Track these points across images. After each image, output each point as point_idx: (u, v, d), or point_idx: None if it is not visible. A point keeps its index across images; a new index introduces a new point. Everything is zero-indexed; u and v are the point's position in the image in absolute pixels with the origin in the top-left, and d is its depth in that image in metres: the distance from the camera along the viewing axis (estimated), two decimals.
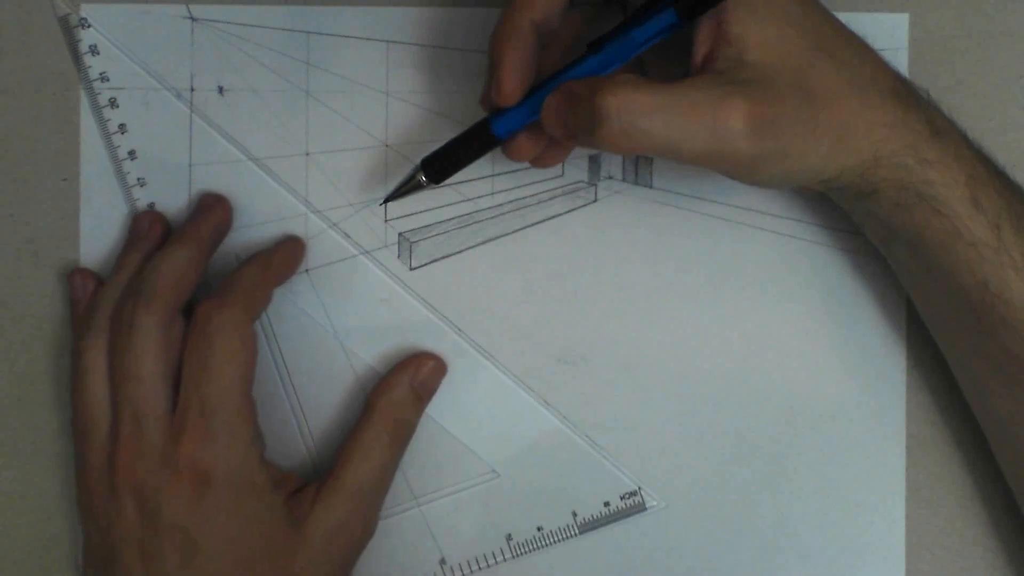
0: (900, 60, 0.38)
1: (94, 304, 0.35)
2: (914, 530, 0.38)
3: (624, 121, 0.29)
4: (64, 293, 0.38)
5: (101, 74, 0.37)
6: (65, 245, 0.38)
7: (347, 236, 0.38)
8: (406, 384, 0.36)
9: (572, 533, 0.38)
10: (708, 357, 0.38)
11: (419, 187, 0.35)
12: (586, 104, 0.30)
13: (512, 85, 0.32)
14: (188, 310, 0.34)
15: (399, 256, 0.38)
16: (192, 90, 0.38)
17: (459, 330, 0.38)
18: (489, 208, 0.38)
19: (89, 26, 0.37)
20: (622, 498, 0.38)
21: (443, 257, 0.38)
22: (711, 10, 0.30)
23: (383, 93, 0.38)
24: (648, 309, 0.38)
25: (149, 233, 0.36)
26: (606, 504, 0.38)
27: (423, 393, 0.37)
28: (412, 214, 0.38)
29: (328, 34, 0.38)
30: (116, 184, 0.38)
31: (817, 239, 0.38)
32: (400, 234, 0.38)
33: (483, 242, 0.38)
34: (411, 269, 0.38)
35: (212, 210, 0.36)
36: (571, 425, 0.38)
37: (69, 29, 0.37)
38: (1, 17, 0.38)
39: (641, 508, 0.38)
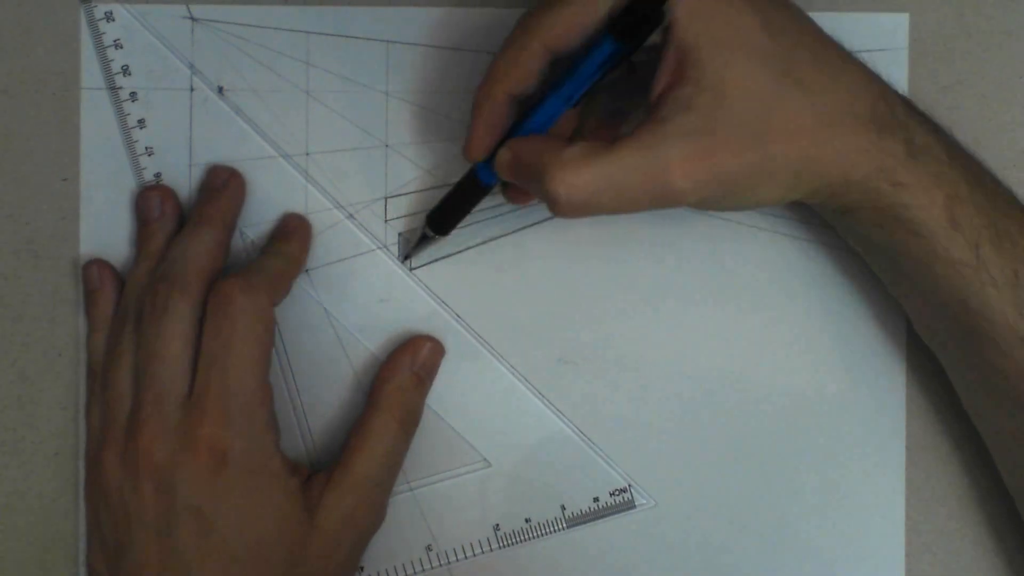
0: (900, 60, 0.38)
1: (126, 292, 0.35)
2: (914, 530, 0.38)
3: (574, 202, 0.30)
4: (64, 293, 0.38)
5: (123, 67, 0.38)
6: (65, 245, 0.38)
7: (347, 236, 0.38)
8: (408, 368, 0.36)
9: (560, 527, 0.38)
10: (708, 357, 0.38)
11: (430, 240, 0.36)
12: (536, 179, 0.30)
13: (478, 146, 0.33)
14: None
15: (399, 256, 0.38)
16: (192, 90, 0.38)
17: (458, 322, 0.38)
18: (489, 208, 0.38)
19: (113, 20, 0.37)
20: (611, 495, 0.38)
21: (443, 257, 0.38)
22: (672, 46, 0.30)
23: (383, 93, 0.38)
24: (648, 309, 0.38)
25: (164, 214, 0.36)
26: (595, 500, 0.38)
27: (424, 376, 0.37)
28: (412, 214, 0.38)
29: (328, 34, 0.38)
30: (116, 184, 0.38)
31: (817, 239, 0.38)
32: (400, 234, 0.38)
33: (483, 242, 0.38)
34: (411, 269, 0.38)
35: (228, 187, 0.37)
36: (565, 419, 0.38)
37: (93, 23, 0.37)
38: (1, 17, 0.38)
39: (630, 506, 0.38)
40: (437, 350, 0.37)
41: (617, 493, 0.38)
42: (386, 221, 0.38)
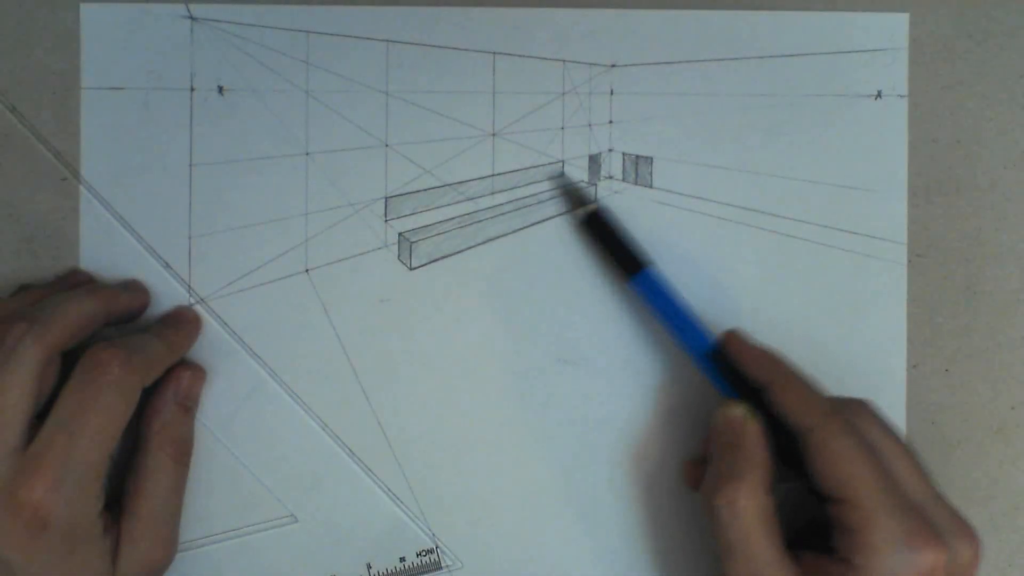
0: (900, 60, 0.38)
1: None
2: None
3: (729, 515, 0.31)
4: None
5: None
6: (65, 245, 0.38)
7: (347, 236, 0.38)
8: (171, 401, 0.35)
9: None
10: None
11: (580, 204, 0.37)
12: (731, 462, 0.32)
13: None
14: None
15: (399, 256, 0.38)
16: (192, 90, 0.38)
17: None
18: (489, 208, 0.38)
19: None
20: (418, 555, 0.37)
21: (443, 257, 0.38)
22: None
23: (383, 93, 0.38)
24: (648, 309, 0.38)
25: (67, 279, 0.37)
26: (401, 559, 0.37)
27: (189, 404, 0.36)
28: (412, 214, 0.38)
29: (328, 34, 0.38)
30: (116, 184, 0.38)
31: (817, 239, 0.38)
32: (400, 234, 0.38)
33: (483, 242, 0.38)
34: (411, 269, 0.38)
35: (133, 292, 0.37)
36: (373, 475, 0.38)
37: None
38: (1, 17, 0.38)
39: (437, 567, 0.37)
40: (198, 376, 0.37)
41: (424, 554, 0.37)
42: (386, 221, 0.38)
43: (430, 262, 0.38)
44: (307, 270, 0.38)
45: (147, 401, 0.35)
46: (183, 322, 0.37)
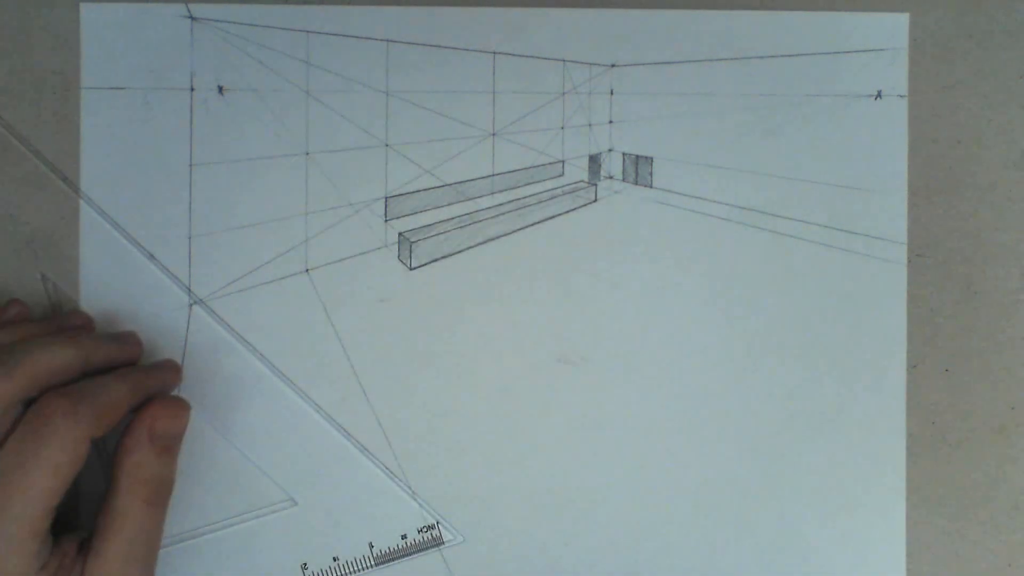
0: (900, 60, 0.38)
1: None
2: (914, 530, 0.38)
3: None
4: (64, 293, 0.38)
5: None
6: (65, 245, 0.38)
7: (347, 236, 0.38)
8: (145, 440, 0.33)
9: (368, 564, 0.37)
10: (708, 357, 0.38)
11: None
12: None
13: None
14: None
15: (399, 256, 0.38)
16: (192, 90, 0.38)
17: (256, 356, 0.38)
18: (489, 208, 0.38)
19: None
20: (420, 531, 0.37)
21: (443, 257, 0.38)
22: None
23: (383, 93, 0.38)
24: (648, 309, 0.38)
25: (63, 319, 0.36)
26: (403, 537, 0.37)
27: (167, 442, 0.34)
28: (412, 214, 0.38)
29: (328, 34, 0.38)
30: (116, 184, 0.38)
31: (817, 239, 0.38)
32: (400, 234, 0.38)
33: (483, 242, 0.38)
34: (411, 269, 0.38)
35: (122, 345, 0.35)
36: (371, 455, 0.38)
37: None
38: (1, 17, 0.38)
39: (439, 543, 0.37)
40: (179, 414, 0.34)
41: (425, 530, 0.37)
42: (386, 221, 0.38)
43: (430, 262, 0.38)
44: (307, 270, 0.38)
45: (120, 438, 0.33)
46: (159, 370, 0.35)
